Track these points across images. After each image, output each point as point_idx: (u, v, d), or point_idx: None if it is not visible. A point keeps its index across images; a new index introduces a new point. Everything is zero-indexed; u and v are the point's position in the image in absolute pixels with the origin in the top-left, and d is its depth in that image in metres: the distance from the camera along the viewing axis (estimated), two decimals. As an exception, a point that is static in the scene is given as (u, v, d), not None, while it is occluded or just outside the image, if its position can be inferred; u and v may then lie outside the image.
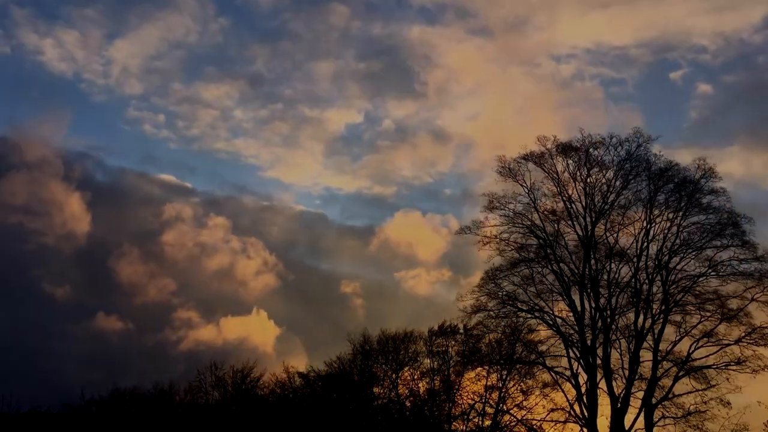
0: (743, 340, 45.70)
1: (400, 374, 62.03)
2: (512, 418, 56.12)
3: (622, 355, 47.93)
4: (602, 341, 47.94)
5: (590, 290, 48.78)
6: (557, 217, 50.50)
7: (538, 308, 50.09)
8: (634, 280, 48.40)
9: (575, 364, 48.57)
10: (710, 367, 46.31)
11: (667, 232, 48.19)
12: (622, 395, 46.95)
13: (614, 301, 48.60)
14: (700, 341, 46.61)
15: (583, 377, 48.17)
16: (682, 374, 46.65)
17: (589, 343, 48.09)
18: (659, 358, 47.06)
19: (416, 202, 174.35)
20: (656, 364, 46.99)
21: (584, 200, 49.97)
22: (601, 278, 49.05)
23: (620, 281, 48.72)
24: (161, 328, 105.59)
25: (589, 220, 49.74)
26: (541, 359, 50.50)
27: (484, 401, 58.28)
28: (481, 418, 57.93)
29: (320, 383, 65.62)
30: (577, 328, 48.61)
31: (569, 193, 50.25)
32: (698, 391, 46.22)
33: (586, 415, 47.62)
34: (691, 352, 46.76)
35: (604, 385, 47.53)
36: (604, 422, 47.03)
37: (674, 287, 47.74)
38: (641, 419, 46.53)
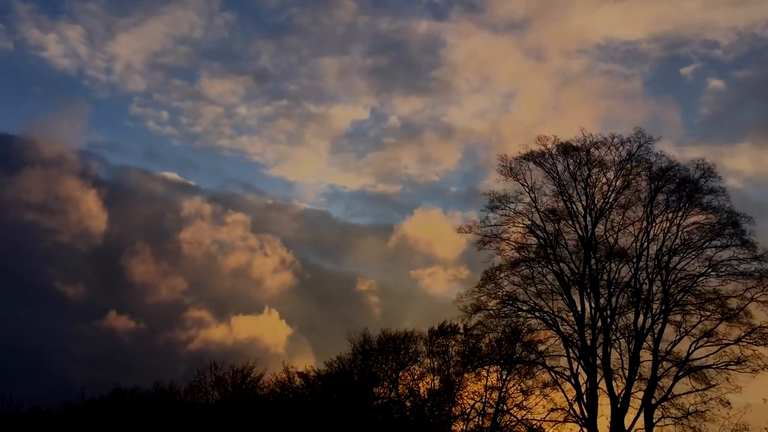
0: (743, 339, 45.72)
1: (400, 374, 62.01)
2: (512, 418, 56.11)
3: (622, 355, 47.98)
4: (602, 341, 47.94)
5: (590, 290, 48.79)
6: (557, 216, 50.54)
7: (538, 308, 50.12)
8: (634, 280, 48.42)
9: (575, 364, 48.64)
10: (710, 367, 46.30)
11: (666, 231, 48.24)
12: (622, 395, 46.95)
13: (614, 301, 48.67)
14: (699, 341, 46.64)
15: (583, 377, 48.23)
16: (681, 374, 46.64)
17: (589, 343, 48.10)
18: (659, 358, 47.06)
19: (421, 200, 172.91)
20: (656, 364, 46.98)
21: (584, 200, 50.04)
22: (601, 278, 49.07)
23: (620, 281, 48.76)
24: (172, 327, 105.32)
25: (589, 219, 49.77)
26: (541, 359, 50.51)
27: (484, 401, 58.26)
28: (481, 418, 57.91)
29: (320, 383, 65.60)
30: (577, 328, 48.63)
31: (570, 192, 50.32)
32: (698, 391, 46.25)
33: (586, 415, 47.62)
34: (690, 351, 46.79)
35: (604, 385, 47.56)
36: (604, 422, 47.09)
37: (674, 287, 47.77)
38: (641, 419, 46.54)
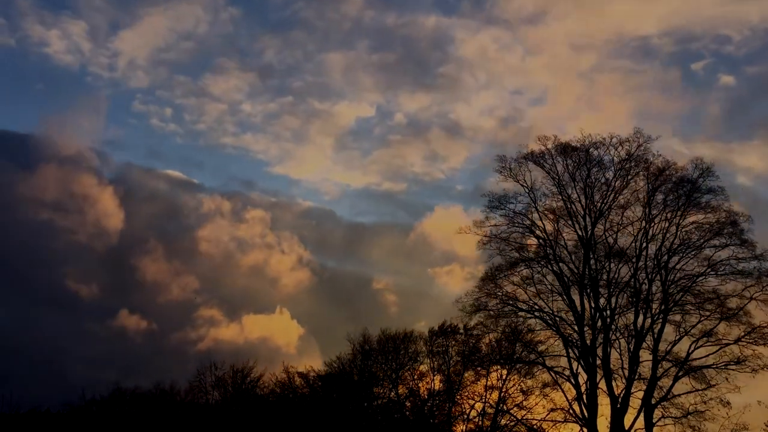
0: (743, 339, 45.67)
1: (400, 374, 62.05)
2: (512, 417, 56.15)
3: (621, 355, 47.96)
4: (602, 341, 47.94)
5: (590, 290, 48.79)
6: (557, 216, 50.55)
7: (537, 308, 50.11)
8: (633, 279, 48.41)
9: (575, 364, 48.62)
10: (710, 366, 46.25)
11: (666, 231, 48.22)
12: (621, 395, 46.94)
13: (614, 300, 48.65)
14: (699, 341, 46.58)
15: (582, 377, 48.21)
16: (681, 374, 46.59)
17: (588, 343, 48.09)
18: (659, 357, 47.04)
19: (426, 198, 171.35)
20: (656, 364, 46.96)
21: (584, 200, 50.02)
22: (600, 278, 49.07)
23: (620, 281, 48.73)
24: (182, 326, 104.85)
25: (588, 219, 49.75)
26: (540, 359, 50.51)
27: (484, 401, 58.33)
28: (481, 418, 57.97)
29: (320, 383, 65.65)
30: (576, 327, 48.62)
31: (569, 193, 50.32)
32: (698, 390, 46.19)
33: (585, 415, 47.62)
34: (690, 351, 46.74)
35: (603, 385, 47.54)
36: (603, 422, 47.09)
37: (673, 287, 47.75)
38: (641, 419, 46.52)
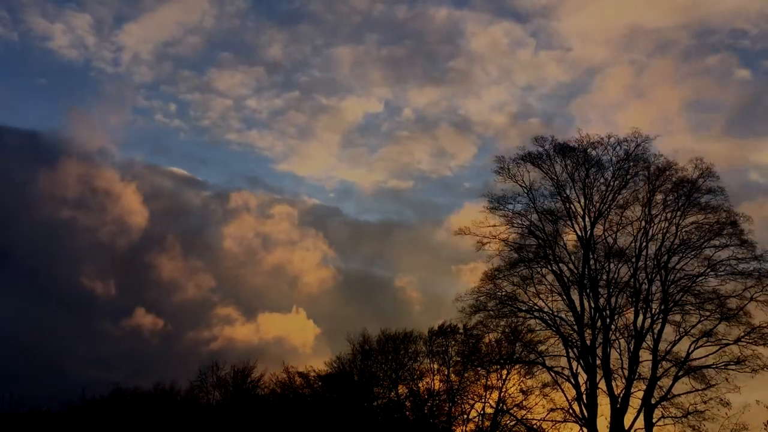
0: (742, 339, 45.63)
1: (400, 374, 62.10)
2: (512, 417, 56.18)
3: (621, 355, 47.91)
4: (602, 341, 47.92)
5: (589, 290, 48.76)
6: (556, 217, 50.50)
7: (537, 308, 50.08)
8: (633, 280, 48.37)
9: (575, 364, 48.57)
10: (710, 366, 46.22)
11: (665, 231, 48.16)
12: (621, 395, 46.92)
13: (613, 301, 48.59)
14: (699, 341, 46.54)
15: (582, 377, 48.18)
16: (681, 374, 46.56)
17: (588, 343, 48.07)
18: (659, 357, 47.01)
19: (433, 196, 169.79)
20: (656, 364, 46.94)
21: (583, 200, 49.98)
22: (600, 278, 49.04)
23: (619, 281, 48.68)
24: (197, 325, 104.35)
25: (588, 220, 49.72)
26: (540, 359, 50.48)
27: (484, 401, 58.38)
28: (481, 418, 58.00)
29: (320, 383, 65.72)
30: (576, 328, 48.58)
31: (568, 193, 50.31)
32: (698, 390, 46.14)
33: (585, 415, 47.62)
34: (690, 351, 46.70)
35: (603, 385, 47.52)
36: (603, 422, 47.04)
37: (673, 287, 47.69)
38: (641, 419, 46.50)
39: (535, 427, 54.05)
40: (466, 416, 58.87)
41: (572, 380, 48.48)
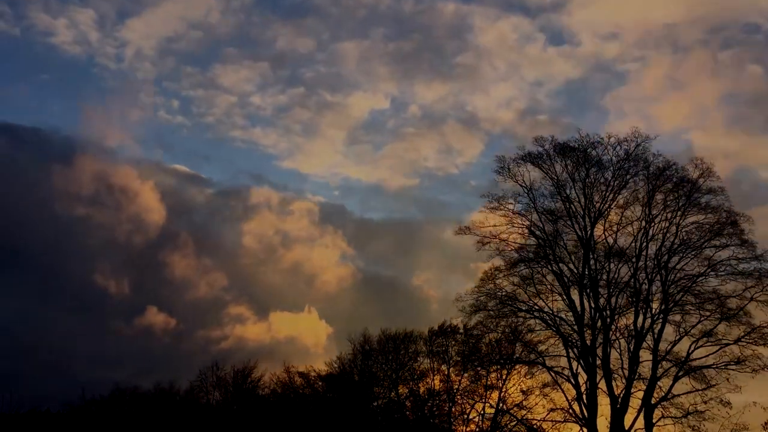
0: (743, 339, 45.58)
1: (400, 374, 62.10)
2: (512, 417, 56.16)
3: (621, 355, 47.86)
4: (602, 341, 47.87)
5: (590, 290, 48.71)
6: (556, 216, 50.44)
7: (537, 308, 50.04)
8: (633, 279, 48.31)
9: (575, 364, 48.51)
10: (710, 366, 46.18)
11: (666, 231, 48.10)
12: (621, 395, 46.88)
13: (614, 301, 48.53)
14: (699, 341, 46.48)
15: (582, 377, 48.12)
16: (681, 374, 46.51)
17: (588, 343, 48.02)
18: (659, 358, 46.97)
19: (438, 194, 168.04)
20: (656, 364, 46.89)
21: (583, 200, 49.90)
22: (600, 278, 48.98)
23: (619, 281, 48.62)
24: (209, 323, 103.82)
25: (588, 220, 49.67)
26: (540, 359, 50.42)
27: (484, 401, 58.38)
28: (481, 417, 58.02)
29: (320, 383, 65.74)
30: (576, 328, 48.54)
31: (568, 193, 50.24)
32: (698, 391, 46.09)
33: (585, 415, 47.58)
34: (690, 351, 46.65)
35: (603, 385, 47.47)
36: (603, 422, 47.00)
37: (673, 287, 47.63)
38: (641, 419, 46.46)
39: (535, 427, 54.03)
40: (466, 416, 58.88)
41: (572, 380, 48.43)
